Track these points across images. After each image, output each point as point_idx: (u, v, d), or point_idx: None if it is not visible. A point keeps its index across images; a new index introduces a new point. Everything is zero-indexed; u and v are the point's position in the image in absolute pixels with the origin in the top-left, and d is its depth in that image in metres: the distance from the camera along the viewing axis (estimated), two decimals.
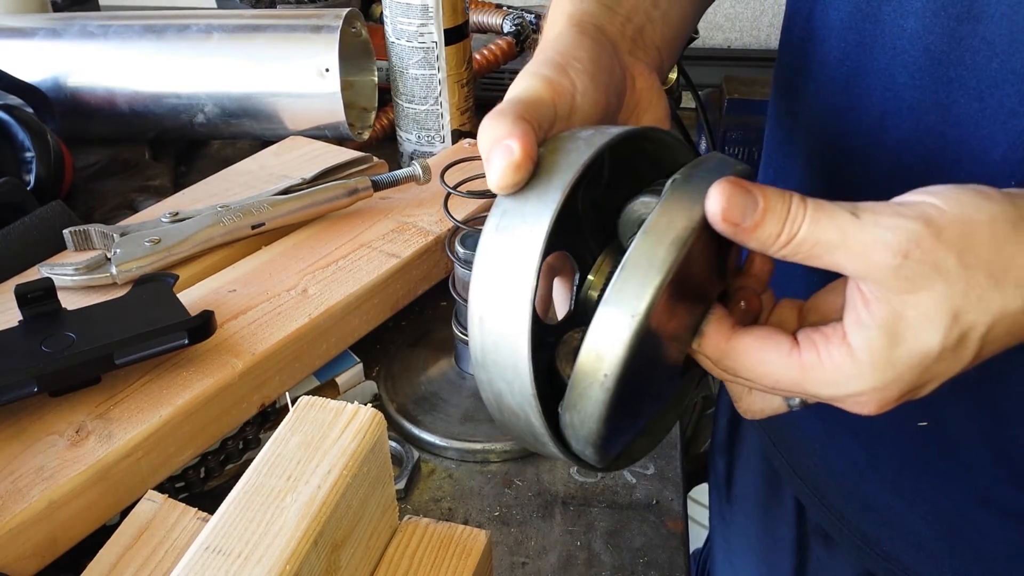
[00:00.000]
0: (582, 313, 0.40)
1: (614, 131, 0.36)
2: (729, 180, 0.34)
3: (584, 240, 0.40)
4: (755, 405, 0.43)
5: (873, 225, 0.33)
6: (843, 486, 0.65)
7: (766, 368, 0.37)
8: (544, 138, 0.37)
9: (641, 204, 0.39)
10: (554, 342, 0.39)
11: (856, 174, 0.53)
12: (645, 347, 0.34)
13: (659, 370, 0.39)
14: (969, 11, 0.44)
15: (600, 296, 0.36)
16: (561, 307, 0.42)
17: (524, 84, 0.39)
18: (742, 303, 0.40)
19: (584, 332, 0.35)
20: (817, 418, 0.63)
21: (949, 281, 0.33)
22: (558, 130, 0.39)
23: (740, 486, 0.82)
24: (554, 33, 0.44)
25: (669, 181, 0.36)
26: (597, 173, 0.39)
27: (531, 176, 0.35)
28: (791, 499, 0.73)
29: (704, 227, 0.34)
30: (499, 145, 0.35)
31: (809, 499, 0.69)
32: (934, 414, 0.53)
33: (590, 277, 0.40)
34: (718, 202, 0.33)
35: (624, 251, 0.34)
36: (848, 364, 0.35)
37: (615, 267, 0.35)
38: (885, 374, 0.35)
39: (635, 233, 0.34)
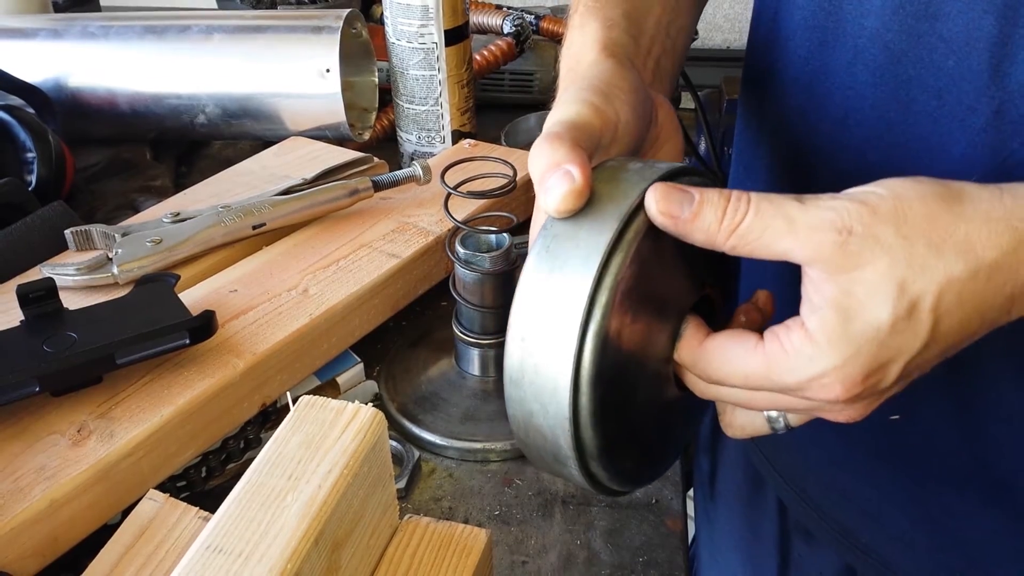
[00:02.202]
0: None
1: (662, 166, 0.38)
2: (664, 182, 0.36)
3: None
4: (736, 421, 0.43)
5: (816, 208, 0.35)
6: (821, 479, 0.65)
7: (734, 365, 0.38)
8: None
9: None
10: None
11: (821, 172, 0.54)
12: (611, 352, 0.36)
13: (647, 382, 0.40)
14: (927, 9, 0.44)
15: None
16: None
17: (574, 109, 0.39)
18: (742, 317, 0.42)
19: None
20: None
21: (891, 253, 0.34)
22: (599, 159, 0.40)
23: (723, 484, 0.83)
24: (588, 60, 0.45)
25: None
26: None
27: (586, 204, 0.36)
28: (773, 497, 0.73)
29: (647, 236, 0.36)
30: (557, 169, 0.36)
31: (789, 496, 0.69)
32: (907, 408, 0.54)
33: None
34: (653, 199, 0.36)
35: None
36: (806, 346, 0.36)
37: None
38: (843, 350, 0.35)
39: None
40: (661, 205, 0.36)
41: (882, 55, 0.47)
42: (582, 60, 0.45)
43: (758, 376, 0.37)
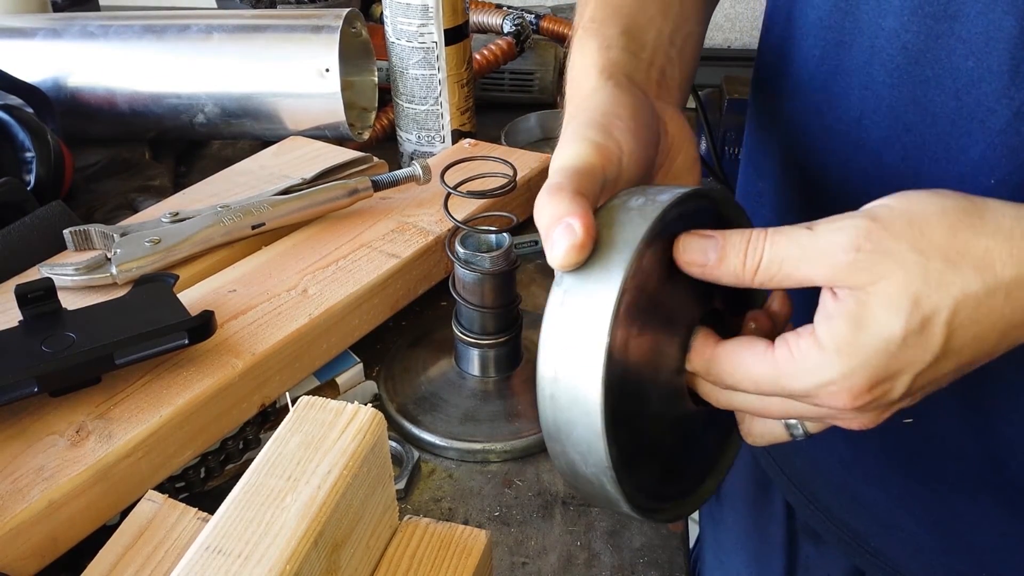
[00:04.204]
0: None
1: (664, 199, 0.38)
2: (689, 232, 0.38)
3: None
4: (755, 429, 0.43)
5: (825, 231, 0.36)
6: (830, 482, 0.65)
7: (746, 370, 0.38)
8: (596, 206, 0.39)
9: None
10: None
11: (834, 173, 0.53)
12: (619, 371, 0.36)
13: (660, 400, 0.40)
14: (946, 9, 0.44)
15: None
16: None
17: (573, 151, 0.40)
18: (752, 324, 0.42)
19: None
20: None
21: (906, 268, 0.35)
22: (608, 194, 0.40)
23: (729, 486, 0.82)
24: (588, 88, 0.45)
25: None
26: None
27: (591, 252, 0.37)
28: (780, 499, 0.73)
29: (647, 252, 0.37)
30: (560, 223, 0.36)
31: (797, 498, 0.69)
32: (919, 411, 0.53)
33: None
34: (680, 250, 0.38)
35: None
36: (815, 353, 0.36)
37: None
38: (850, 360, 0.35)
39: None
40: (686, 256, 0.38)
41: (900, 55, 0.47)
42: (583, 87, 0.46)
43: (768, 382, 0.37)
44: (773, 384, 0.37)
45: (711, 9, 0.60)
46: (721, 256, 0.37)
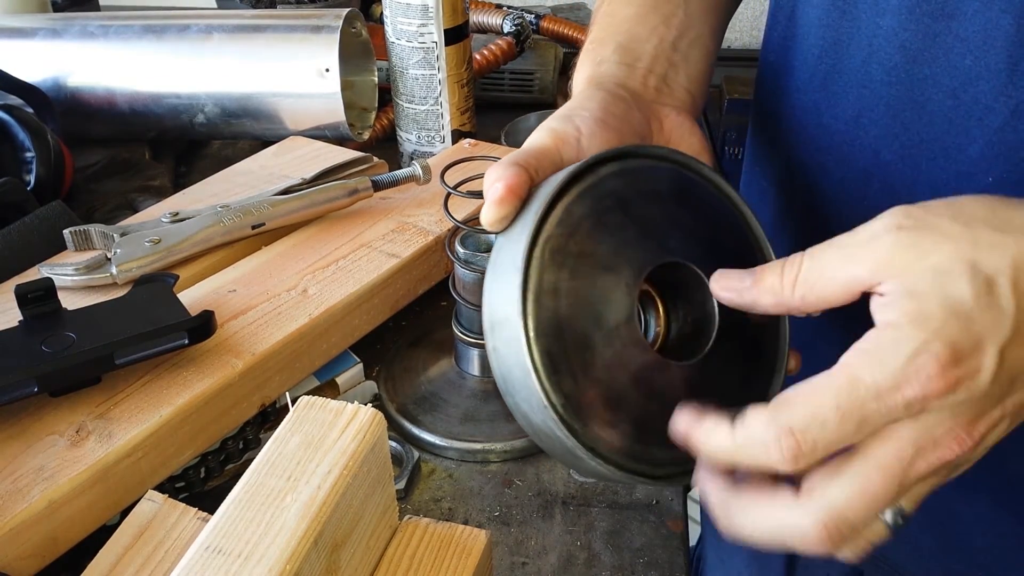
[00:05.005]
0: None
1: (593, 155, 0.40)
2: (724, 270, 0.39)
3: None
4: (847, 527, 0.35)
5: (863, 228, 0.35)
6: None
7: (819, 403, 0.33)
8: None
9: None
10: None
11: (834, 171, 0.54)
12: (549, 313, 0.38)
13: (611, 349, 0.39)
14: (943, 8, 0.44)
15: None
16: None
17: (532, 137, 0.43)
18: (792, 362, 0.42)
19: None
20: None
21: (954, 238, 0.33)
22: None
23: None
24: (574, 95, 0.47)
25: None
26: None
27: (519, 211, 0.39)
28: None
29: (574, 201, 0.39)
30: (490, 188, 0.39)
31: None
32: None
33: None
34: (715, 279, 0.39)
35: None
36: (890, 332, 0.33)
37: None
38: (929, 325, 0.32)
39: None
40: (721, 284, 0.38)
41: (898, 54, 0.47)
42: (573, 96, 0.48)
43: (845, 398, 0.32)
44: (854, 395, 0.32)
45: (727, 10, 0.60)
46: (757, 278, 0.37)
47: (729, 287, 0.38)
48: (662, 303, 0.44)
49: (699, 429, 0.36)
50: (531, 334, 0.37)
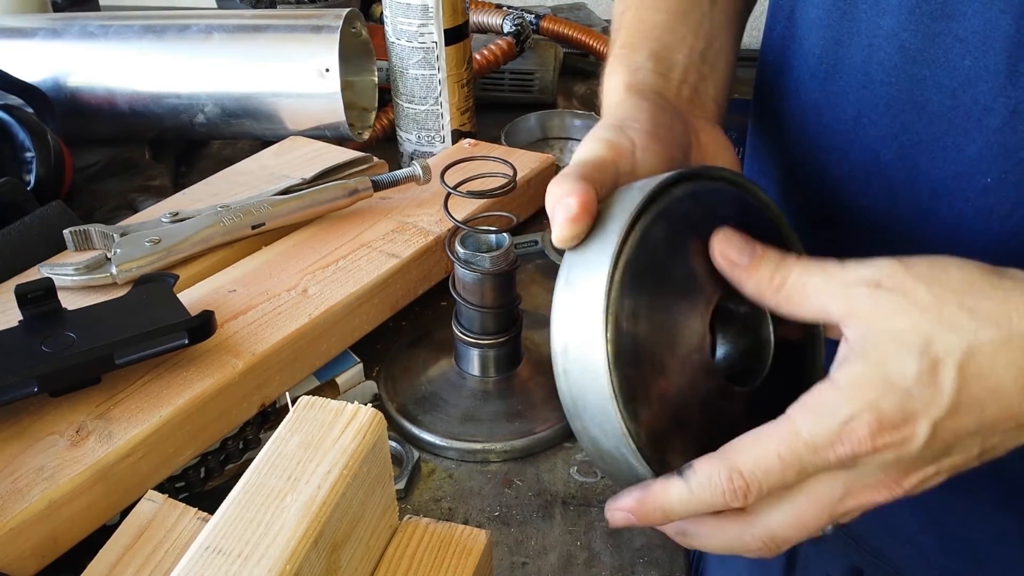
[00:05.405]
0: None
1: (667, 175, 0.39)
2: (727, 229, 0.39)
3: None
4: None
5: (854, 267, 0.37)
6: None
7: (762, 449, 0.37)
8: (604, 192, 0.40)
9: None
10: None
11: (833, 171, 0.54)
12: (628, 339, 0.37)
13: (683, 374, 0.40)
14: (943, 9, 0.44)
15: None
16: None
17: (586, 148, 0.42)
18: None
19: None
20: None
21: (920, 308, 0.35)
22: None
23: None
24: (613, 102, 0.47)
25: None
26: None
27: (592, 229, 0.39)
28: None
29: (651, 223, 0.38)
30: (560, 203, 0.38)
31: None
32: None
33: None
34: (719, 238, 0.39)
35: None
36: (832, 393, 0.36)
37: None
38: (865, 394, 0.35)
39: None
40: (722, 247, 0.39)
41: (897, 54, 0.47)
42: (610, 103, 0.48)
43: (787, 447, 0.36)
44: (793, 447, 0.36)
45: (743, 19, 0.61)
46: (754, 263, 0.38)
47: (727, 255, 0.39)
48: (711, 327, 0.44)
49: (650, 493, 0.39)
50: (611, 360, 0.37)
